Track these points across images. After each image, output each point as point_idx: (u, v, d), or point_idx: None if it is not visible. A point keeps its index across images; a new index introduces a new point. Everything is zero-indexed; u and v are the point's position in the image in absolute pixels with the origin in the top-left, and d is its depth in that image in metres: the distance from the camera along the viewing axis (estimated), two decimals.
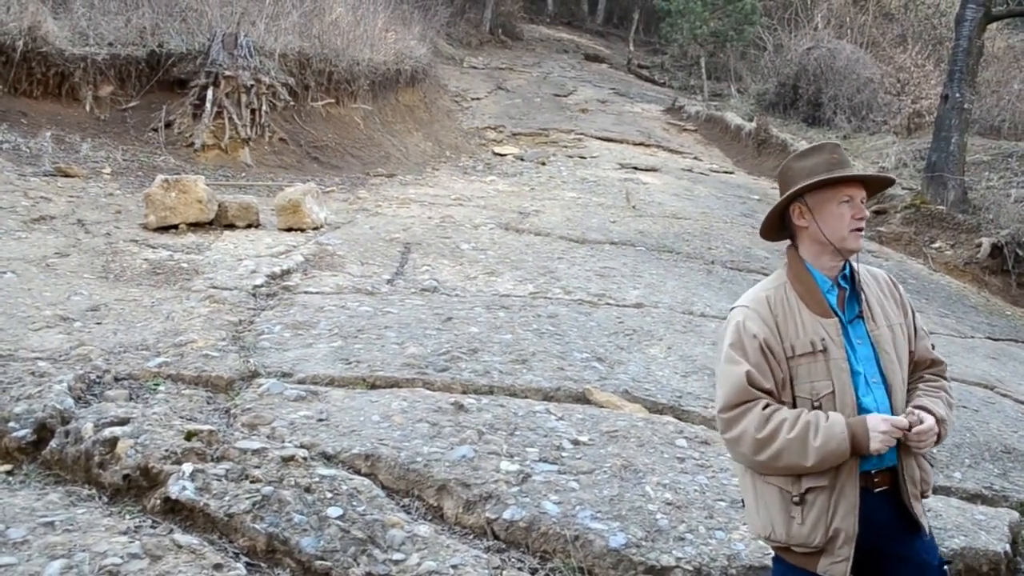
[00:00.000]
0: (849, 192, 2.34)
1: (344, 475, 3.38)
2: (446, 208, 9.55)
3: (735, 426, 2.27)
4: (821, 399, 2.25)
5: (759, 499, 2.33)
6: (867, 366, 2.30)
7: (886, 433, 2.17)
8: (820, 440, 2.18)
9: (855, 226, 2.33)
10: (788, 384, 2.29)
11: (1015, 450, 4.82)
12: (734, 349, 2.32)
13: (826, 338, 2.29)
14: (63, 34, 10.33)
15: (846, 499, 2.23)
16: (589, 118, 17.70)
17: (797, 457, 2.20)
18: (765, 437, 2.22)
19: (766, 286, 2.43)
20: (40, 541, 2.77)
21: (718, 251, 8.86)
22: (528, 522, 3.24)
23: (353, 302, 5.79)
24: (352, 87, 12.67)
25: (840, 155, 2.38)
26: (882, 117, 17.18)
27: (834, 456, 2.18)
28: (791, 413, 2.24)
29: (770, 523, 2.30)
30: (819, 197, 2.35)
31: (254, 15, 11.95)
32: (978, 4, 12.47)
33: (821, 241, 2.35)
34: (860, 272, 2.42)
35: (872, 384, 2.29)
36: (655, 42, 28.01)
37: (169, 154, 9.97)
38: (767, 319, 2.32)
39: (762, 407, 2.25)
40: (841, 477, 2.23)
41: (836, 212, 2.33)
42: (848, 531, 2.23)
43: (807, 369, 2.27)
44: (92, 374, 4.12)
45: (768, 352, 2.29)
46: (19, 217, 6.91)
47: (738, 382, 2.28)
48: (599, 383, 4.73)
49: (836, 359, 2.27)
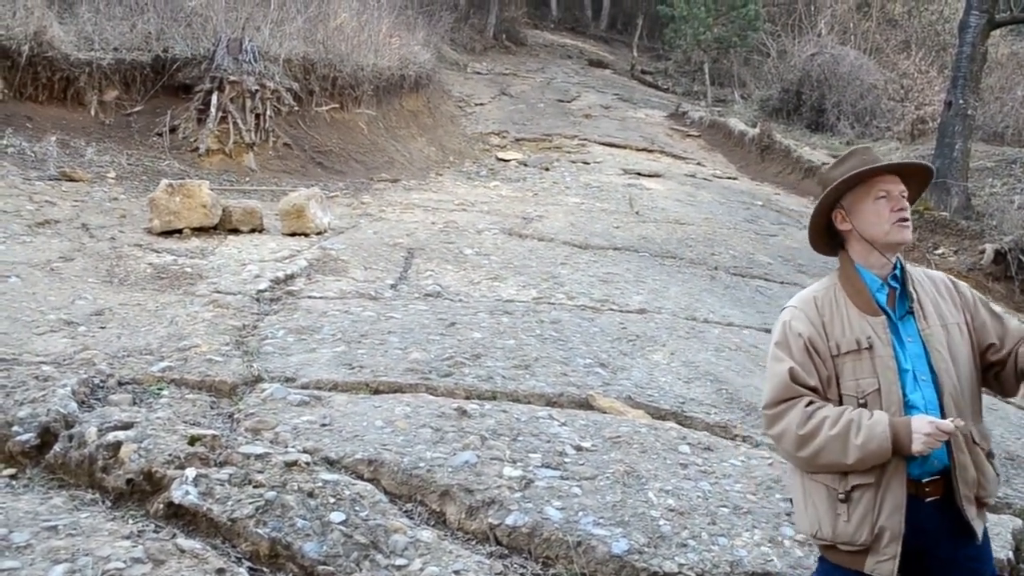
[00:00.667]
0: (884, 187, 2.34)
1: (347, 480, 3.39)
2: (450, 213, 9.56)
3: (778, 422, 2.31)
4: (867, 396, 2.26)
5: (807, 497, 2.35)
6: (917, 364, 2.29)
7: (930, 435, 2.14)
8: (862, 439, 2.18)
9: (896, 218, 2.32)
10: (834, 382, 2.31)
11: (1018, 456, 4.81)
12: (779, 348, 2.37)
13: (872, 336, 2.29)
14: (68, 39, 10.36)
15: (892, 497, 2.23)
16: (593, 124, 17.72)
17: (838, 455, 2.21)
18: (807, 434, 2.24)
19: (816, 288, 2.45)
20: (43, 545, 2.77)
21: (721, 257, 8.86)
22: (530, 528, 3.24)
23: (356, 307, 5.80)
24: (356, 92, 12.69)
25: (871, 156, 2.39)
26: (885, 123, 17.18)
27: (875, 455, 2.19)
28: (834, 411, 2.25)
29: (817, 521, 2.31)
30: (854, 197, 2.37)
31: (259, 20, 11.98)
32: (982, 11, 12.47)
33: (865, 241, 2.36)
34: (913, 272, 2.42)
35: (921, 382, 2.27)
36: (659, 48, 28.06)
37: (173, 159, 9.99)
38: (813, 319, 2.35)
39: (805, 404, 2.28)
40: (887, 475, 2.23)
41: (872, 209, 2.34)
42: (894, 529, 2.22)
43: (852, 367, 2.29)
44: (96, 378, 4.12)
45: (813, 350, 2.32)
46: (24, 221, 6.93)
47: (782, 379, 2.32)
48: (602, 389, 4.72)
49: (882, 356, 2.27)
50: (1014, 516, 4.05)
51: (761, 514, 3.55)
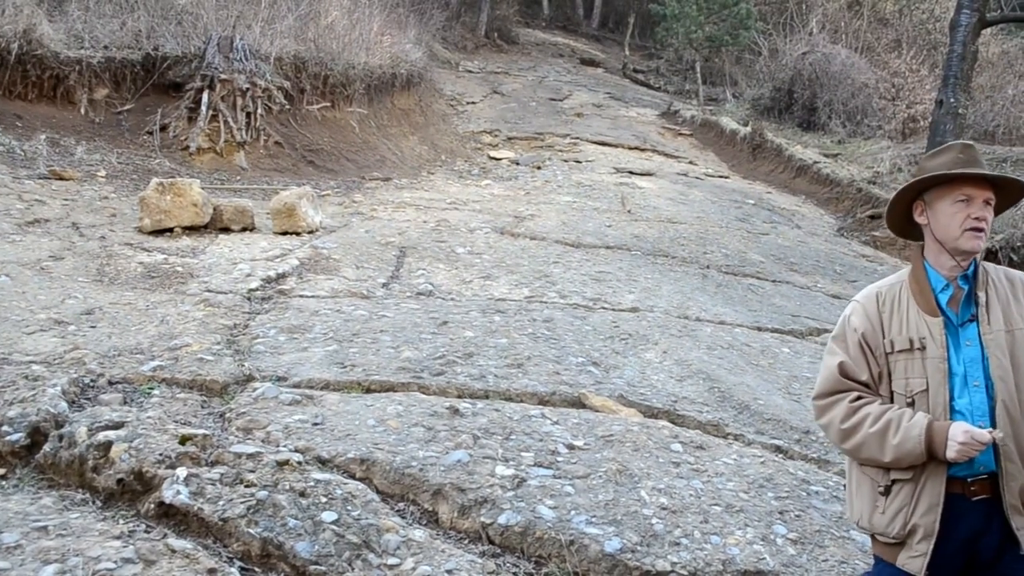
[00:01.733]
0: (967, 192, 2.30)
1: (339, 479, 3.38)
2: (441, 212, 9.55)
3: (825, 414, 2.38)
4: (914, 396, 2.27)
5: (858, 487, 2.40)
6: (971, 368, 2.26)
7: (964, 444, 2.14)
8: (898, 439, 2.22)
9: (970, 225, 2.28)
10: (886, 379, 2.33)
11: None
12: (836, 341, 2.42)
13: (927, 336, 2.29)
14: (58, 37, 10.31)
15: (928, 496, 2.24)
16: (584, 122, 17.72)
17: (876, 452, 2.27)
18: (849, 428, 2.31)
19: (884, 282, 2.46)
20: (33, 546, 2.76)
21: (713, 255, 8.87)
22: (523, 527, 3.23)
23: (348, 306, 5.78)
24: (347, 91, 12.67)
25: (968, 155, 2.34)
26: (877, 122, 17.23)
27: (910, 457, 2.22)
28: (878, 408, 2.29)
29: (861, 510, 2.38)
30: (937, 194, 2.34)
31: (250, 18, 11.95)
32: (973, 10, 12.52)
33: (936, 240, 2.34)
34: (989, 272, 2.38)
35: (972, 387, 2.25)
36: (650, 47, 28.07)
37: (164, 157, 9.96)
38: (872, 315, 2.37)
39: (852, 399, 2.33)
40: (925, 474, 2.24)
41: (949, 211, 2.31)
42: (927, 528, 2.23)
43: (904, 365, 2.30)
44: (86, 378, 4.11)
45: (866, 346, 2.35)
46: (13, 220, 6.90)
47: (832, 372, 2.38)
48: (594, 387, 4.72)
49: (934, 358, 2.27)
50: None
51: (753, 512, 3.55)
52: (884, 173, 14.02)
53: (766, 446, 4.34)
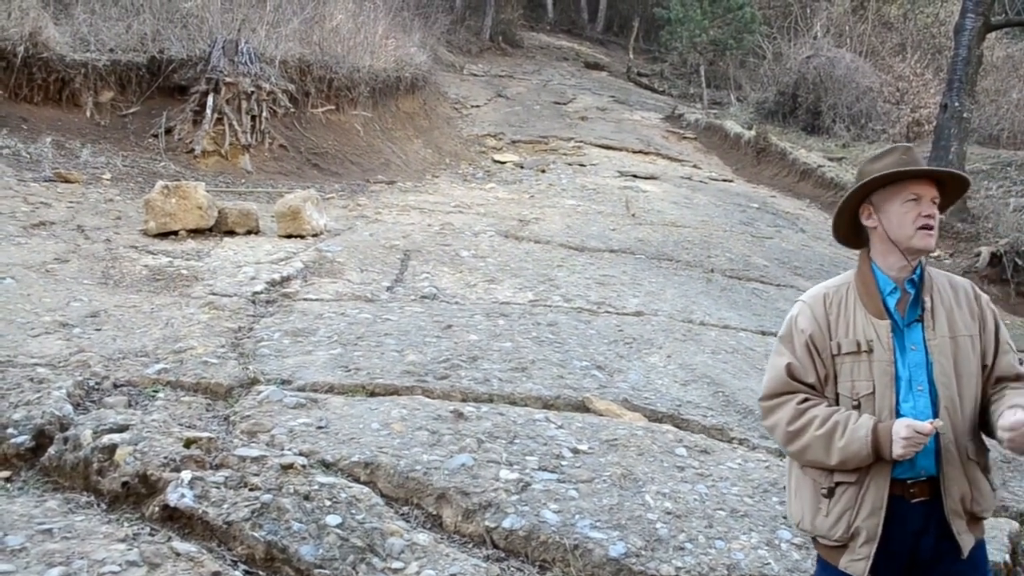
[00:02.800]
0: (916, 191, 2.31)
1: (343, 483, 3.38)
2: (446, 215, 9.56)
3: (772, 415, 2.37)
4: (860, 399, 2.27)
5: (798, 488, 2.40)
6: (915, 372, 2.27)
7: (908, 439, 2.14)
8: (844, 441, 2.22)
9: (922, 223, 2.29)
10: (832, 381, 2.33)
11: (1014, 460, 4.81)
12: (782, 342, 2.42)
13: (874, 339, 2.29)
14: (64, 40, 10.35)
15: (872, 499, 2.25)
16: (589, 126, 17.72)
17: (822, 454, 2.26)
18: (795, 430, 2.30)
19: (831, 283, 2.45)
20: (38, 548, 2.76)
21: (717, 259, 8.87)
22: (527, 531, 3.23)
23: (353, 309, 5.79)
24: (352, 94, 12.68)
25: (911, 156, 2.36)
26: (881, 126, 17.22)
27: (856, 458, 2.22)
28: (824, 411, 2.28)
29: (802, 511, 2.38)
30: (885, 196, 2.34)
31: (255, 22, 11.97)
32: (977, 14, 12.51)
33: (888, 241, 2.34)
34: (934, 278, 2.38)
35: (916, 391, 2.26)
36: (655, 50, 28.06)
37: (169, 160, 9.98)
38: (819, 316, 2.36)
39: (798, 400, 2.32)
40: (869, 476, 2.25)
41: (900, 211, 2.31)
42: (870, 531, 2.24)
43: (850, 368, 2.30)
44: (91, 381, 4.11)
45: (813, 348, 2.34)
46: (19, 223, 6.91)
47: (779, 374, 2.37)
48: (599, 391, 4.72)
49: (880, 361, 2.27)
50: (1010, 519, 4.05)
51: (758, 517, 3.55)
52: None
53: (770, 450, 4.34)
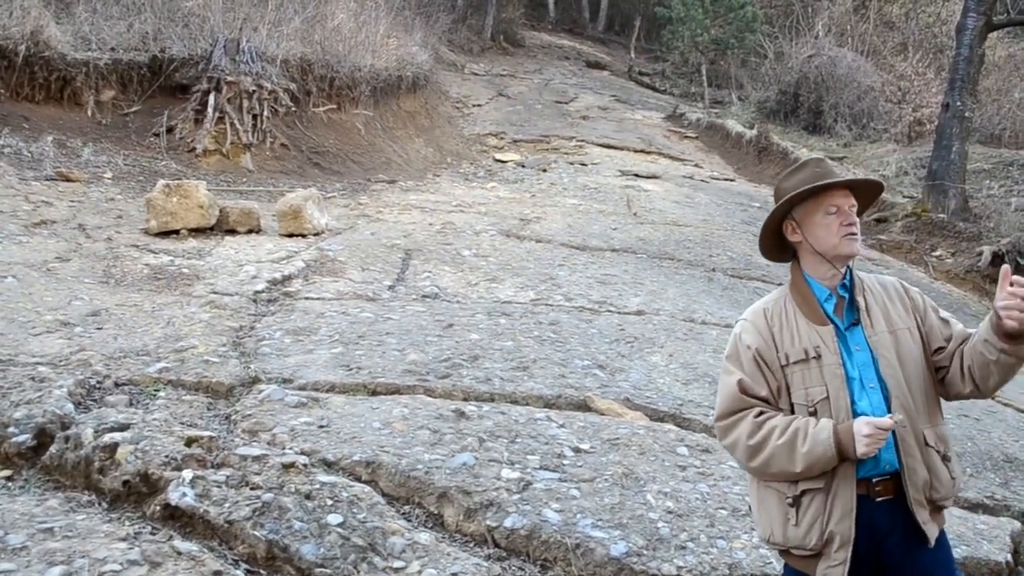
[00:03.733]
0: (834, 202, 2.37)
1: (345, 482, 3.38)
2: (447, 214, 9.55)
3: (730, 434, 2.37)
4: (816, 404, 2.30)
5: (761, 503, 2.40)
6: (864, 371, 2.32)
7: (870, 436, 2.17)
8: (807, 446, 2.23)
9: (845, 232, 2.34)
10: (784, 392, 2.35)
11: (1016, 459, 4.81)
12: (730, 361, 2.43)
13: (820, 345, 2.33)
14: (66, 39, 10.34)
15: (841, 502, 2.26)
16: (590, 125, 17.72)
17: (786, 463, 2.26)
18: (756, 444, 2.30)
19: (767, 300, 2.50)
20: (39, 547, 2.76)
21: (719, 258, 8.86)
22: (529, 530, 3.23)
23: (354, 308, 5.78)
24: (353, 93, 12.68)
25: (824, 168, 2.42)
26: (883, 125, 17.21)
27: (821, 461, 2.23)
28: (783, 420, 2.30)
29: (770, 525, 2.36)
30: (805, 211, 2.40)
31: (256, 21, 11.97)
32: (979, 13, 12.49)
33: (816, 253, 2.39)
34: (863, 280, 2.44)
35: (868, 389, 2.30)
36: (656, 49, 28.05)
37: (171, 159, 9.98)
38: (763, 330, 2.40)
39: (755, 415, 2.34)
40: (836, 480, 2.26)
41: (822, 223, 2.37)
42: (844, 535, 2.25)
43: (801, 376, 2.33)
44: (92, 379, 4.11)
45: (761, 361, 2.37)
46: (20, 221, 6.92)
47: (731, 391, 2.38)
48: (600, 390, 4.72)
49: (830, 365, 2.31)
50: (1012, 519, 4.05)
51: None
52: (890, 176, 14.00)
53: None
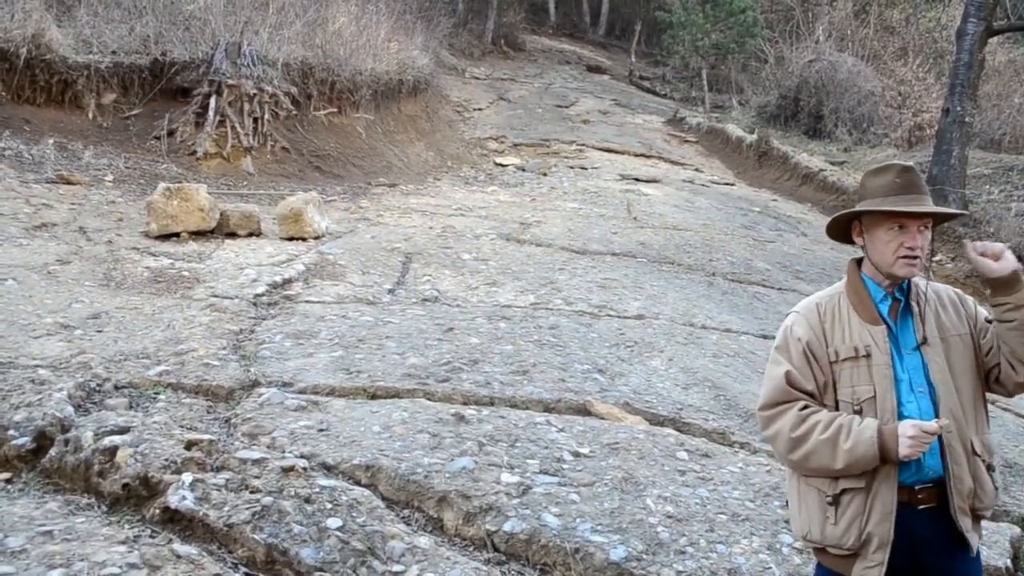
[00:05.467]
0: (901, 220, 2.31)
1: (344, 486, 3.37)
2: (447, 218, 9.56)
3: (772, 424, 2.36)
4: (862, 403, 2.28)
5: (801, 499, 2.39)
6: (914, 374, 2.31)
7: (914, 438, 2.15)
8: (850, 443, 2.21)
9: (904, 254, 2.30)
10: (831, 388, 2.34)
11: (1016, 464, 4.81)
12: (779, 351, 2.42)
13: (871, 344, 2.32)
14: (67, 42, 10.37)
15: (881, 504, 2.24)
16: (590, 129, 17.73)
17: (827, 459, 2.25)
18: (799, 436, 2.29)
19: (822, 294, 2.49)
20: (39, 550, 2.76)
21: (719, 263, 8.86)
22: (528, 534, 3.23)
23: (354, 312, 5.79)
24: (354, 97, 12.70)
25: (906, 179, 2.35)
26: (883, 130, 17.22)
27: (863, 461, 2.21)
28: (827, 416, 2.28)
29: (808, 523, 2.36)
30: (871, 221, 2.37)
31: (258, 24, 11.99)
32: (979, 18, 12.51)
33: (873, 263, 2.39)
34: (919, 285, 2.41)
35: (918, 392, 2.29)
36: (657, 54, 28.06)
37: (171, 162, 9.99)
38: (814, 325, 2.39)
39: (799, 407, 2.32)
40: (877, 481, 2.25)
41: (884, 238, 2.33)
42: (882, 537, 2.23)
43: (850, 373, 2.32)
44: (92, 382, 4.11)
45: (811, 355, 2.36)
46: (21, 224, 6.92)
47: (778, 382, 2.37)
48: (600, 395, 4.72)
49: (879, 364, 2.30)
50: (1012, 524, 4.04)
51: (759, 521, 3.54)
52: None
53: (772, 454, 4.33)
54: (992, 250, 2.27)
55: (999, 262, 2.24)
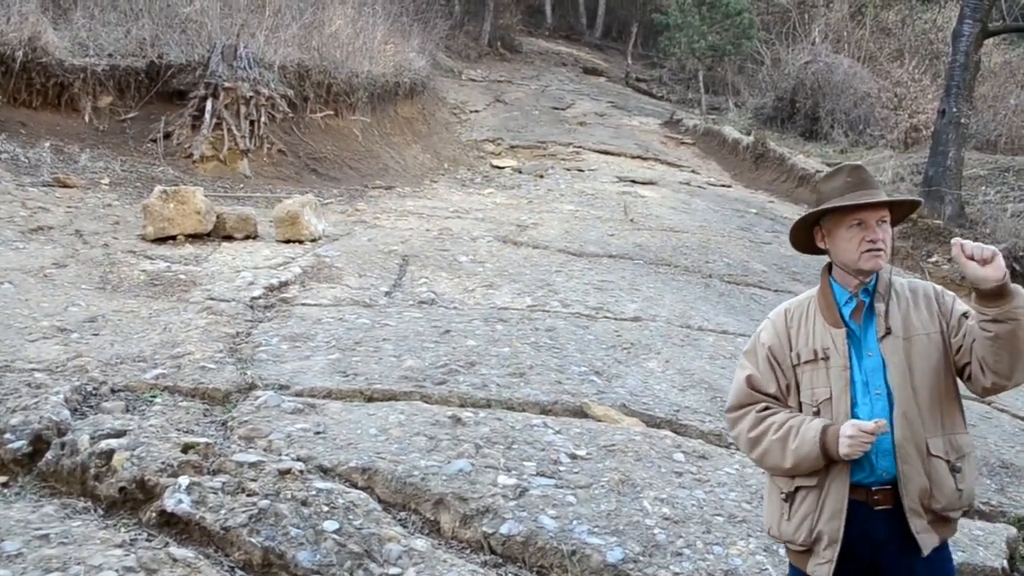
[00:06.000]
0: (859, 216, 2.35)
1: (341, 488, 3.38)
2: (444, 220, 9.56)
3: (736, 425, 2.46)
4: (819, 405, 2.34)
5: (768, 494, 2.50)
6: (873, 376, 2.32)
7: (852, 438, 2.19)
8: (796, 443, 2.29)
9: (866, 248, 2.33)
10: (794, 390, 2.41)
11: (1013, 465, 4.81)
12: (746, 356, 2.53)
13: (830, 347, 2.36)
14: (63, 45, 10.35)
15: (832, 502, 2.30)
16: (587, 131, 17.74)
17: (778, 458, 2.34)
18: (755, 437, 2.39)
19: (795, 299, 2.55)
20: (35, 554, 2.75)
21: (716, 265, 8.87)
22: (525, 537, 3.23)
23: (351, 314, 5.79)
24: (351, 99, 12.70)
25: (856, 177, 2.39)
26: (879, 131, 17.26)
27: (808, 460, 2.28)
28: (782, 417, 2.37)
29: (770, 518, 2.46)
30: (831, 223, 2.41)
31: (254, 27, 11.98)
32: (975, 20, 12.55)
33: (839, 264, 2.41)
34: (893, 285, 2.42)
35: (874, 395, 2.31)
36: (653, 56, 28.10)
37: (168, 165, 9.98)
38: (780, 330, 2.47)
39: (759, 409, 2.41)
40: (829, 480, 2.31)
41: (845, 236, 2.37)
42: (831, 534, 2.29)
43: (810, 376, 2.37)
44: (89, 386, 4.11)
45: (773, 359, 2.44)
46: (17, 227, 6.91)
47: (741, 386, 2.48)
48: (597, 397, 4.72)
49: (836, 367, 2.34)
50: (1008, 524, 4.05)
51: (756, 523, 3.54)
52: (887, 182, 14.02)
53: None
54: (982, 254, 2.15)
55: (987, 268, 2.14)
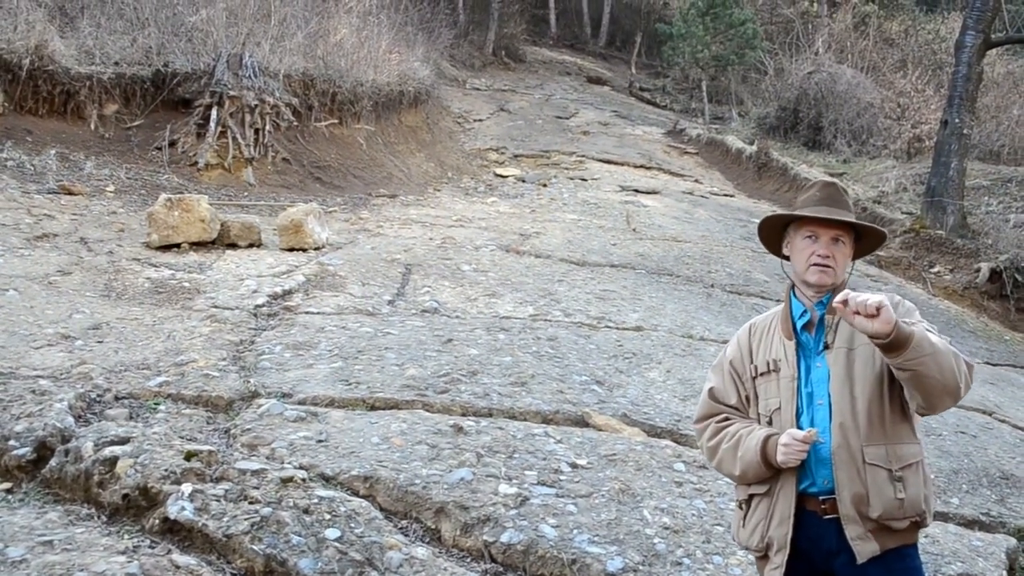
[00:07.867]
0: (813, 229, 2.42)
1: (343, 497, 3.39)
2: (447, 229, 9.59)
3: (700, 436, 2.58)
4: (771, 415, 2.43)
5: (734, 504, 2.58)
6: (818, 387, 2.38)
7: (787, 446, 2.27)
8: (742, 451, 2.38)
9: (814, 261, 2.39)
10: (753, 401, 2.49)
11: (1013, 476, 4.82)
12: (713, 370, 2.62)
13: (781, 359, 2.43)
14: (69, 53, 10.41)
15: (781, 510, 2.36)
16: (591, 140, 17.78)
17: (730, 466, 2.44)
18: (712, 446, 2.49)
19: (763, 315, 2.63)
20: (39, 560, 2.77)
21: (718, 274, 8.89)
22: (526, 545, 3.24)
23: (354, 323, 5.81)
24: (355, 108, 12.75)
25: (825, 193, 2.45)
26: (882, 141, 17.27)
27: (752, 467, 2.36)
28: (736, 427, 2.46)
29: (734, 525, 2.55)
30: (794, 231, 2.49)
31: (259, 36, 12.04)
32: (978, 30, 12.57)
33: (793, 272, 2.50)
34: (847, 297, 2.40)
35: (816, 404, 2.37)
36: (657, 65, 28.17)
37: (172, 173, 10.02)
38: (743, 344, 2.55)
39: (719, 419, 2.51)
40: (778, 487, 2.37)
41: (800, 247, 2.45)
42: (780, 541, 2.35)
43: (764, 387, 2.46)
44: (93, 393, 4.13)
45: (734, 373, 2.54)
46: (22, 234, 6.95)
47: (703, 398, 2.59)
48: (598, 406, 4.74)
49: (785, 378, 2.42)
50: (1008, 535, 4.06)
51: None
52: (890, 192, 14.05)
53: None
54: (866, 309, 2.07)
55: (875, 322, 2.07)
